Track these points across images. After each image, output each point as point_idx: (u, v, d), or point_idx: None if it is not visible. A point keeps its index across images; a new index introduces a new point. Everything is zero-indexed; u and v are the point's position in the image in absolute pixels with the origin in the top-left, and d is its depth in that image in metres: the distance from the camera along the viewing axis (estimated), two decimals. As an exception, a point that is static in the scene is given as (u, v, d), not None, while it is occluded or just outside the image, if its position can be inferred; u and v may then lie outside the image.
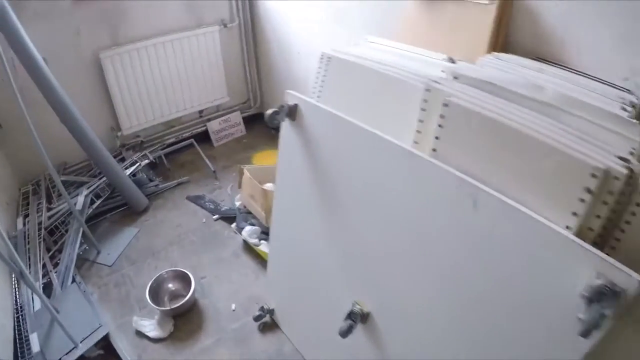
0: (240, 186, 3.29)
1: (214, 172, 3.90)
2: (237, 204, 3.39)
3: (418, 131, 1.61)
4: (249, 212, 3.21)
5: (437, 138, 1.51)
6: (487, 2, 1.98)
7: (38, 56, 2.76)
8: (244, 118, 4.49)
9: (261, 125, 4.56)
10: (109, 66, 3.55)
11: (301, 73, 3.72)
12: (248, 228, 3.08)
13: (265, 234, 3.04)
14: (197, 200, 3.64)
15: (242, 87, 4.49)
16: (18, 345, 2.40)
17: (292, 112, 1.90)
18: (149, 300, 2.70)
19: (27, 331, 2.48)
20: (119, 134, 3.87)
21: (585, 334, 1.04)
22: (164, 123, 4.11)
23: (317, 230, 2.01)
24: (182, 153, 4.20)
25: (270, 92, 4.45)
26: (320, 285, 2.14)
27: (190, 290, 2.72)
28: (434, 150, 1.52)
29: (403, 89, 1.74)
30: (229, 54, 4.18)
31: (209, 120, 4.34)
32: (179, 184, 3.86)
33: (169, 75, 3.89)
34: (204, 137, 4.31)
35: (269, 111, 1.85)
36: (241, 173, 3.20)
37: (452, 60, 1.94)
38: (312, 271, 2.18)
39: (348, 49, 2.14)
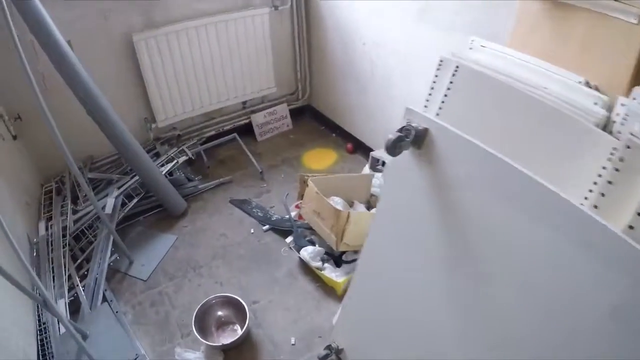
0: (300, 197, 2.85)
1: (261, 172, 3.47)
2: (293, 214, 2.94)
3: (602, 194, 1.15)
4: (309, 228, 2.77)
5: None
6: (635, 21, 1.48)
7: (61, 39, 2.38)
8: (290, 111, 4.07)
9: (309, 120, 4.17)
10: (143, 50, 3.14)
11: (365, 66, 3.25)
12: (310, 249, 2.64)
13: (329, 255, 2.61)
14: (242, 205, 3.21)
15: (290, 77, 4.06)
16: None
17: (420, 138, 1.39)
18: (195, 332, 2.29)
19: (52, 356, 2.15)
20: (153, 126, 3.47)
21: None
22: (203, 114, 3.71)
23: (432, 283, 1.54)
24: (222, 148, 3.79)
25: (322, 84, 3.97)
26: (419, 342, 1.69)
27: (244, 324, 2.31)
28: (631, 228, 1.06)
29: (572, 127, 1.28)
30: (278, 40, 3.74)
31: (253, 112, 3.93)
32: (220, 184, 3.45)
33: (210, 61, 3.46)
34: (246, 131, 3.89)
35: (392, 136, 1.29)
36: (303, 182, 2.77)
37: (589, 85, 1.53)
38: (410, 323, 1.72)
39: (471, 55, 1.69)
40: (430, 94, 1.71)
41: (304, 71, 4.01)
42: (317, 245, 2.67)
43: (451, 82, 1.62)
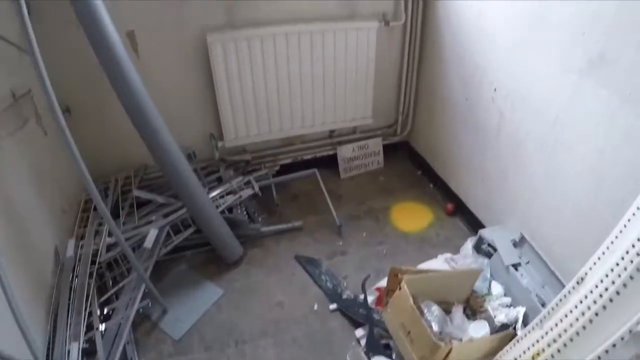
0: (387, 294, 2.18)
1: (339, 226, 2.81)
2: (370, 298, 2.27)
3: None
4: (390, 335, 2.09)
5: None
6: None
7: (112, 33, 1.94)
8: (384, 147, 3.41)
9: (404, 160, 3.51)
10: (218, 53, 2.63)
11: (490, 117, 2.47)
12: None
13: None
14: (309, 266, 2.58)
15: (390, 107, 3.38)
16: None
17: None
18: None
19: None
20: (220, 144, 2.96)
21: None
22: (280, 139, 3.12)
23: None
24: (298, 180, 3.17)
25: (427, 122, 3.25)
26: None
27: None
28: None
29: None
30: (384, 62, 3.08)
31: (340, 143, 3.30)
32: (287, 230, 2.83)
33: (298, 77, 2.87)
34: (328, 163, 3.29)
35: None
36: (393, 276, 2.09)
37: None
38: None
39: None
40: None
41: (408, 103, 3.33)
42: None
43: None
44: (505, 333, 1.91)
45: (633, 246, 1.23)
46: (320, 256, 2.66)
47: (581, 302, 1.37)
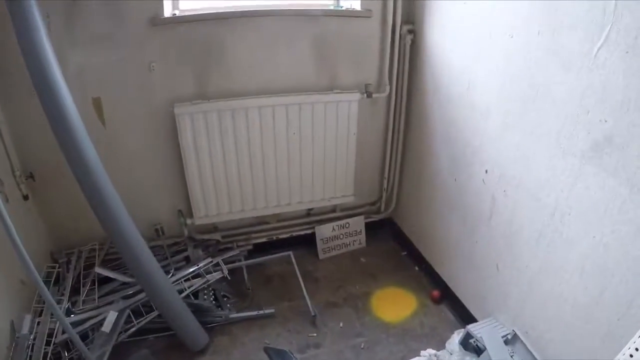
0: None
1: (314, 316, 2.57)
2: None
3: None
4: None
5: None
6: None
7: (66, 97, 1.82)
8: (366, 224, 3.20)
9: (388, 238, 3.29)
10: (186, 125, 2.50)
11: (481, 201, 2.27)
12: None
13: None
14: (278, 359, 2.31)
15: (374, 182, 3.20)
16: None
17: None
18: None
19: None
20: (189, 221, 2.76)
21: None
22: (254, 217, 2.93)
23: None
24: (272, 260, 2.95)
25: (412, 199, 3.06)
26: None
27: None
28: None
29: None
30: (366, 135, 2.94)
31: (318, 222, 3.10)
32: (258, 317, 2.60)
33: (273, 153, 2.72)
34: (305, 242, 3.09)
35: None
36: None
37: None
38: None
39: None
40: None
41: (393, 179, 3.15)
42: None
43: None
44: None
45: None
46: (292, 347, 2.40)
47: None
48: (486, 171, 2.21)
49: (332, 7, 2.68)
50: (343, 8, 2.66)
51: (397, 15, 2.64)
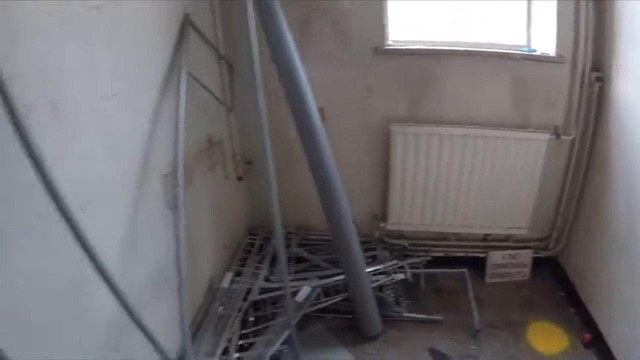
0: None
1: (477, 331, 2.87)
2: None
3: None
4: None
5: None
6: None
7: (311, 100, 2.27)
8: (532, 259, 3.41)
9: (548, 277, 3.42)
10: (398, 143, 2.94)
11: None
12: None
13: None
14: (440, 361, 2.69)
15: (547, 219, 3.36)
16: None
17: None
18: None
19: None
20: (382, 225, 3.21)
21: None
22: (437, 232, 3.29)
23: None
24: (446, 274, 3.30)
25: (581, 240, 3.14)
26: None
27: None
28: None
29: None
30: (547, 174, 3.12)
31: (492, 247, 3.37)
32: (426, 321, 2.97)
33: (467, 179, 3.06)
34: (475, 264, 3.35)
35: None
36: None
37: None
38: None
39: None
40: None
41: (566, 219, 3.28)
42: None
43: None
44: None
45: None
46: (453, 355, 2.74)
47: None
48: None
49: (525, 50, 2.93)
50: (537, 52, 2.91)
51: (586, 62, 2.80)
